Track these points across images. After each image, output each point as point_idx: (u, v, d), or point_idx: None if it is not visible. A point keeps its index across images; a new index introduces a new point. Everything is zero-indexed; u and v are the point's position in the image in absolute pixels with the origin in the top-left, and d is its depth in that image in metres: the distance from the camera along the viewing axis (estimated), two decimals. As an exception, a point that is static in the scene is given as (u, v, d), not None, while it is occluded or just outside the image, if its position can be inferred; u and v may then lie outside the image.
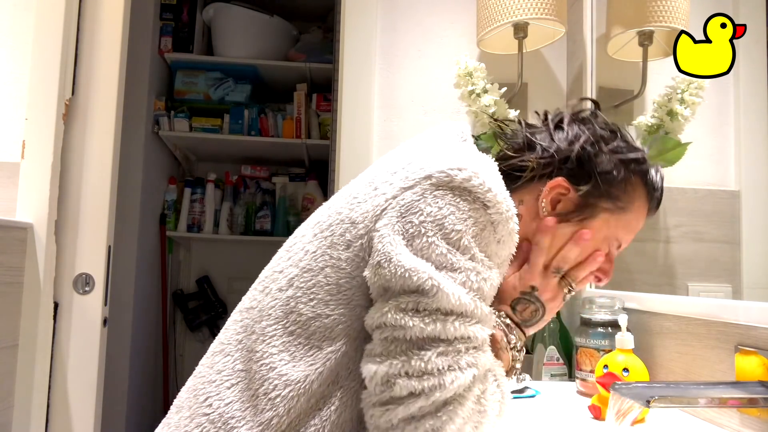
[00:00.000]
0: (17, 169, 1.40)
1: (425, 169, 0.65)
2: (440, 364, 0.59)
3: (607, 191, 0.75)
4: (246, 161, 3.00)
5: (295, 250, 0.71)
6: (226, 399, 0.67)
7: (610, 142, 0.77)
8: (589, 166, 0.75)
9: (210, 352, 0.75)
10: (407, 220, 0.63)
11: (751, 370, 0.80)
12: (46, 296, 1.40)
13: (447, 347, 0.60)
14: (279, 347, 0.66)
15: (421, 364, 0.59)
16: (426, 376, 0.59)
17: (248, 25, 2.66)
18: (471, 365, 0.60)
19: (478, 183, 0.64)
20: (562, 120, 0.79)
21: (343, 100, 1.59)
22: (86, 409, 1.44)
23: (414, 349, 0.60)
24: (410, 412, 0.58)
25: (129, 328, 2.29)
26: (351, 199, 0.69)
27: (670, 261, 1.21)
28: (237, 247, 2.91)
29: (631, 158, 0.76)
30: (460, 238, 0.62)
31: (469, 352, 0.61)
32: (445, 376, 0.59)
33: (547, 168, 0.76)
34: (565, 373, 1.30)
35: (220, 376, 0.69)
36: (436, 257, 0.61)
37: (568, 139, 0.77)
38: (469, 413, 0.60)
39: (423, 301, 0.60)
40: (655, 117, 1.22)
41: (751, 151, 1.04)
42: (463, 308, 0.61)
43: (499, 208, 0.64)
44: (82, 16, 1.51)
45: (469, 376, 0.59)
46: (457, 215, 0.63)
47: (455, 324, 0.60)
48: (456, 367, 0.59)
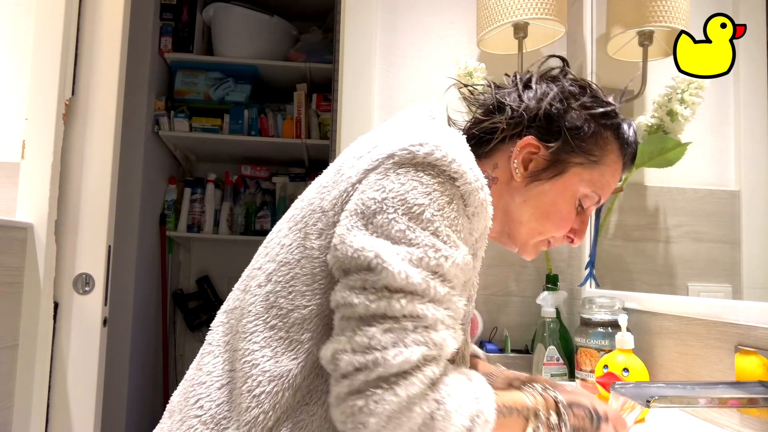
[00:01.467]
0: (17, 169, 1.40)
1: (388, 149, 0.65)
2: (384, 340, 0.58)
3: (578, 146, 0.75)
4: (246, 161, 3.00)
5: (272, 246, 0.72)
6: (216, 400, 0.67)
7: (579, 98, 0.76)
8: (558, 122, 0.75)
9: (199, 355, 0.75)
10: (369, 197, 0.63)
11: (751, 370, 0.80)
12: (46, 296, 1.40)
13: (393, 324, 0.59)
14: (260, 343, 0.66)
15: (365, 339, 0.58)
16: (369, 350, 0.58)
17: (248, 25, 2.66)
18: (418, 343, 0.59)
19: (440, 155, 0.63)
20: (531, 79, 0.79)
21: (343, 100, 1.59)
22: (86, 409, 1.44)
23: (361, 325, 0.59)
24: (355, 386, 0.58)
25: (129, 328, 2.29)
26: (321, 189, 0.70)
27: (670, 261, 1.21)
28: (237, 247, 2.91)
29: (601, 112, 0.76)
30: (422, 211, 0.61)
31: (417, 331, 0.59)
32: (388, 351, 0.58)
33: (516, 128, 0.76)
34: (565, 373, 1.30)
35: (210, 378, 0.69)
36: (395, 233, 0.61)
37: (537, 97, 0.76)
38: (418, 393, 0.57)
39: (370, 279, 0.60)
40: (655, 117, 1.22)
41: (751, 151, 1.04)
42: (412, 287, 0.60)
43: (466, 178, 0.64)
44: (82, 16, 1.51)
45: (416, 353, 0.58)
46: (419, 189, 0.62)
47: (401, 302, 0.59)
48: (401, 344, 0.58)
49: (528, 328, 1.50)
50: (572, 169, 0.75)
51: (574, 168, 0.75)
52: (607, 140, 0.77)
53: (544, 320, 1.35)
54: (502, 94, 0.79)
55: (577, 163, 0.75)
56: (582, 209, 0.78)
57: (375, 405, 0.56)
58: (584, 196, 0.77)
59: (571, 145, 0.75)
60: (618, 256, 1.35)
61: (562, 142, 0.74)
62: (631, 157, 0.79)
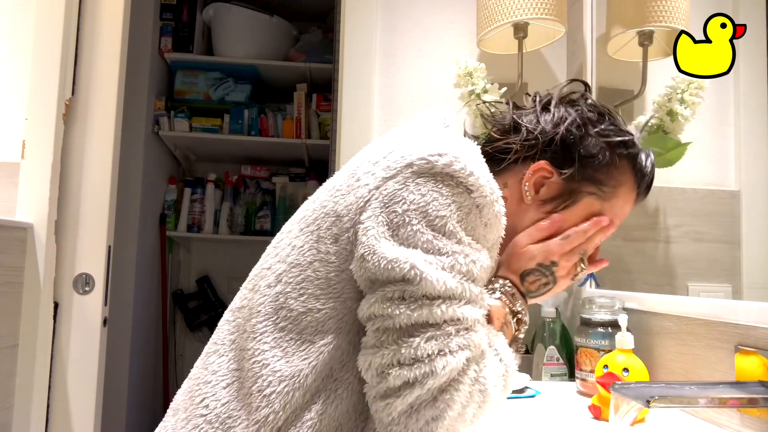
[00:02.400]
0: (17, 169, 1.40)
1: (406, 158, 0.64)
2: (429, 348, 0.59)
3: (591, 176, 0.74)
4: (246, 161, 3.00)
5: (282, 246, 0.71)
6: (222, 399, 0.67)
7: (597, 125, 0.76)
8: (573, 149, 0.74)
9: (204, 354, 0.74)
10: (391, 209, 0.63)
11: (751, 370, 0.80)
12: (46, 296, 1.40)
13: (436, 331, 0.59)
14: (271, 343, 0.66)
15: (410, 351, 0.59)
16: (417, 363, 0.58)
17: (248, 25, 2.66)
18: (462, 347, 0.60)
19: (459, 167, 0.63)
20: (550, 102, 0.78)
21: (343, 100, 1.59)
22: (86, 409, 1.44)
23: (404, 336, 0.60)
24: (408, 402, 0.59)
25: (129, 328, 2.29)
26: (335, 192, 0.69)
27: (670, 261, 1.21)
28: (237, 247, 2.91)
29: (618, 141, 0.75)
30: (444, 224, 0.62)
31: (459, 334, 0.60)
32: (435, 362, 0.58)
33: (531, 150, 0.75)
34: (565, 373, 1.30)
35: (215, 377, 0.69)
36: (423, 244, 0.61)
37: (554, 122, 0.76)
38: (466, 397, 0.59)
39: (408, 289, 0.60)
40: (655, 117, 1.22)
41: (751, 151, 1.04)
42: (449, 292, 0.60)
43: (482, 191, 0.64)
44: (82, 16, 1.51)
45: (461, 358, 0.59)
46: (440, 201, 0.62)
47: (442, 307, 0.60)
48: (446, 351, 0.59)
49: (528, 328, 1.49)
50: (584, 199, 0.75)
51: (587, 198, 0.75)
52: (622, 170, 0.76)
53: (544, 320, 1.35)
54: (519, 114, 0.78)
55: (590, 193, 0.75)
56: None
57: (434, 423, 0.59)
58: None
59: (585, 173, 0.74)
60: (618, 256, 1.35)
61: (576, 170, 0.74)
62: (645, 188, 0.79)
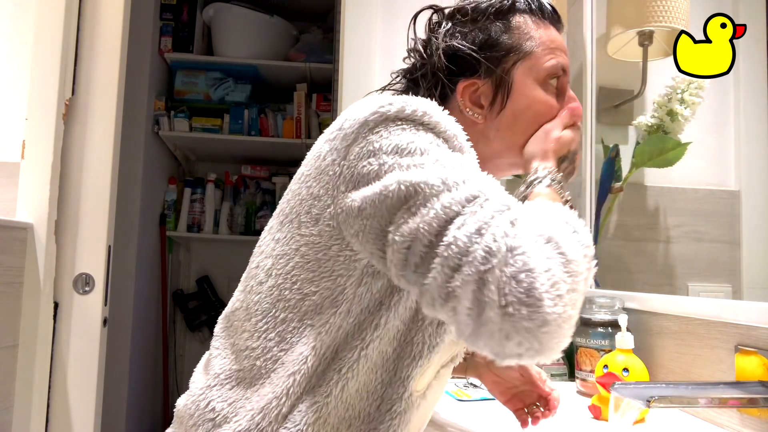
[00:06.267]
0: (17, 169, 1.40)
1: (359, 119, 0.64)
2: (465, 233, 0.51)
3: (500, 54, 0.74)
4: (246, 161, 3.00)
5: (266, 243, 0.71)
6: (228, 399, 0.67)
7: (463, 17, 0.77)
8: (464, 51, 0.74)
9: (205, 362, 0.75)
10: (363, 165, 0.61)
11: (751, 370, 0.80)
12: (46, 296, 1.40)
13: (461, 218, 0.53)
14: (275, 339, 0.66)
15: (452, 249, 0.51)
16: (466, 255, 0.50)
17: (248, 25, 2.66)
18: (498, 212, 0.52)
19: (412, 110, 0.62)
20: (416, 42, 0.80)
21: (343, 100, 1.59)
22: (86, 409, 1.44)
23: (436, 248, 0.53)
24: (494, 290, 0.49)
25: (129, 328, 2.29)
26: (305, 178, 0.68)
27: (670, 261, 1.21)
28: (237, 247, 2.91)
29: (490, 10, 0.76)
30: (416, 147, 0.60)
31: (486, 206, 0.53)
32: (485, 237, 0.50)
33: (442, 88, 0.75)
34: (565, 373, 1.30)
35: (218, 380, 0.69)
36: (406, 167, 0.58)
37: (433, 49, 0.76)
38: (542, 253, 0.49)
39: (411, 204, 0.56)
40: (655, 117, 1.22)
41: (751, 151, 1.04)
42: (447, 182, 0.55)
43: (441, 126, 0.63)
44: (82, 16, 1.51)
45: (504, 220, 0.51)
46: (405, 134, 0.61)
47: (451, 195, 0.54)
48: (484, 225, 0.51)
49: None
50: (515, 73, 0.74)
51: (516, 71, 0.74)
52: (516, 24, 0.76)
53: (544, 320, 1.35)
54: (409, 71, 0.80)
55: (514, 64, 0.74)
56: (557, 88, 0.76)
57: (531, 282, 0.48)
58: (545, 78, 0.75)
59: (495, 57, 0.74)
60: (618, 256, 1.35)
61: (485, 62, 0.74)
62: (546, 13, 0.77)
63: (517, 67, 0.74)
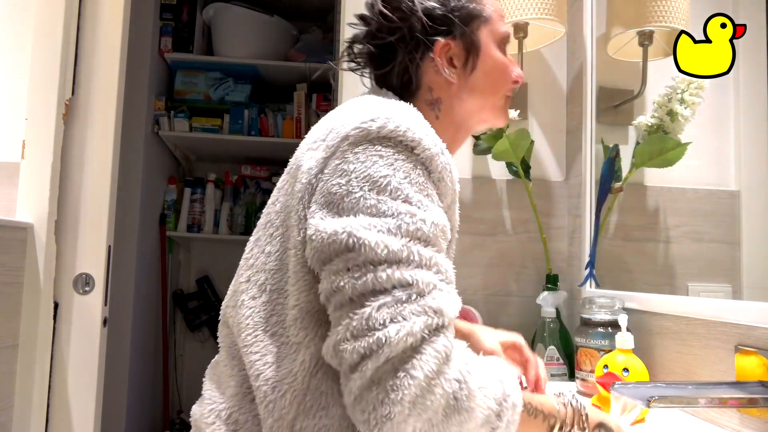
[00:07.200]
0: (17, 169, 1.40)
1: (341, 132, 0.65)
2: (381, 317, 0.55)
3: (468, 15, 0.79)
4: (246, 161, 3.00)
5: (255, 256, 0.71)
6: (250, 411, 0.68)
7: None
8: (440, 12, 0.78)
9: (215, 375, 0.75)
10: (333, 184, 0.62)
11: (751, 370, 0.80)
12: (46, 296, 1.40)
13: (386, 298, 0.56)
14: (261, 352, 0.66)
15: (362, 322, 0.55)
16: (369, 332, 0.55)
17: (248, 25, 2.66)
18: (417, 313, 0.56)
19: (393, 127, 0.63)
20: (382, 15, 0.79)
21: (343, 100, 1.58)
22: (86, 409, 1.44)
23: (355, 309, 0.57)
24: (368, 376, 0.54)
25: (129, 328, 2.29)
26: (287, 188, 0.69)
27: (670, 261, 1.21)
28: (237, 247, 2.89)
29: None
30: (388, 182, 0.60)
31: (412, 300, 0.56)
32: (388, 328, 0.54)
33: (419, 49, 0.78)
34: (565, 373, 1.30)
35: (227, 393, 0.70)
36: (366, 209, 0.59)
37: (407, 13, 0.78)
38: (434, 370, 0.54)
39: (350, 257, 0.58)
40: (655, 117, 1.22)
41: (751, 151, 1.04)
42: (393, 255, 0.57)
43: (423, 145, 0.64)
44: (82, 16, 1.51)
45: (417, 323, 0.55)
46: (381, 163, 0.62)
47: (387, 272, 0.57)
48: (399, 318, 0.55)
49: (528, 328, 1.50)
50: (480, 35, 0.80)
51: (481, 34, 0.80)
52: None
53: (544, 320, 1.35)
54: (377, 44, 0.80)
55: (479, 28, 0.80)
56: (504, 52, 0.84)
57: (394, 393, 0.53)
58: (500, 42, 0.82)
59: (465, 18, 0.79)
60: (618, 256, 1.35)
61: (457, 24, 0.78)
62: None
63: (481, 31, 0.80)
